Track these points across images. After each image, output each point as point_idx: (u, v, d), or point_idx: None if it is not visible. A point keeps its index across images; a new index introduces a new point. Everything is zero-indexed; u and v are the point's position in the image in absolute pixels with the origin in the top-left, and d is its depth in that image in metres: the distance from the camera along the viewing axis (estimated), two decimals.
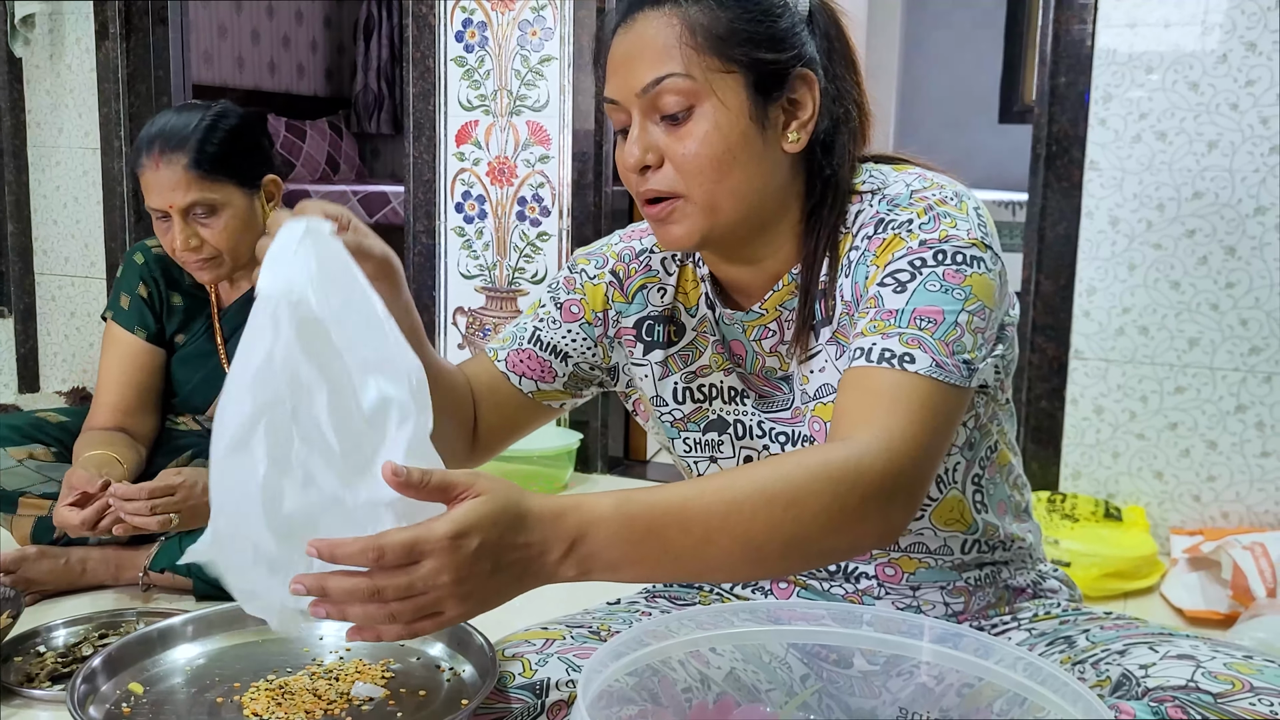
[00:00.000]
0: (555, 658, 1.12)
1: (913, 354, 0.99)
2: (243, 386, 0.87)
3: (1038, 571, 1.27)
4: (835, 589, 1.21)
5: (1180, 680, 0.97)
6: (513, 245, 3.10)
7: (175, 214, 1.96)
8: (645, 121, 1.07)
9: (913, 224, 1.06)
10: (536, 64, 3.02)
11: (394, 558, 0.80)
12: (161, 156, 1.94)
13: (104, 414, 2.11)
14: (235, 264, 2.06)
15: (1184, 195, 2.42)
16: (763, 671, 1.05)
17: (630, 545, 0.89)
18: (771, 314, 1.17)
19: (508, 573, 0.85)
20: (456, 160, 3.13)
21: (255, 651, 1.20)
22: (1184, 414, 2.47)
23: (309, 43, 5.96)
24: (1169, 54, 2.41)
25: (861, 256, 1.09)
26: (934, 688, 0.98)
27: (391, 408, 0.88)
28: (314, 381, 0.88)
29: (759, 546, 0.92)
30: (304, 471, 0.86)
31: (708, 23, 1.05)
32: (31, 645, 1.78)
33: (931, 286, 1.02)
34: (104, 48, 3.48)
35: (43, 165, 3.65)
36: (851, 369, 1.02)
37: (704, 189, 1.06)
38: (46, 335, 3.74)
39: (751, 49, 1.06)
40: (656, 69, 1.05)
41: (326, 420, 0.87)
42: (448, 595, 0.83)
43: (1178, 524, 2.50)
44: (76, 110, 3.57)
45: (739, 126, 1.05)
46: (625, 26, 1.09)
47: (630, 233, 1.29)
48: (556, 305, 1.27)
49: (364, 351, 0.89)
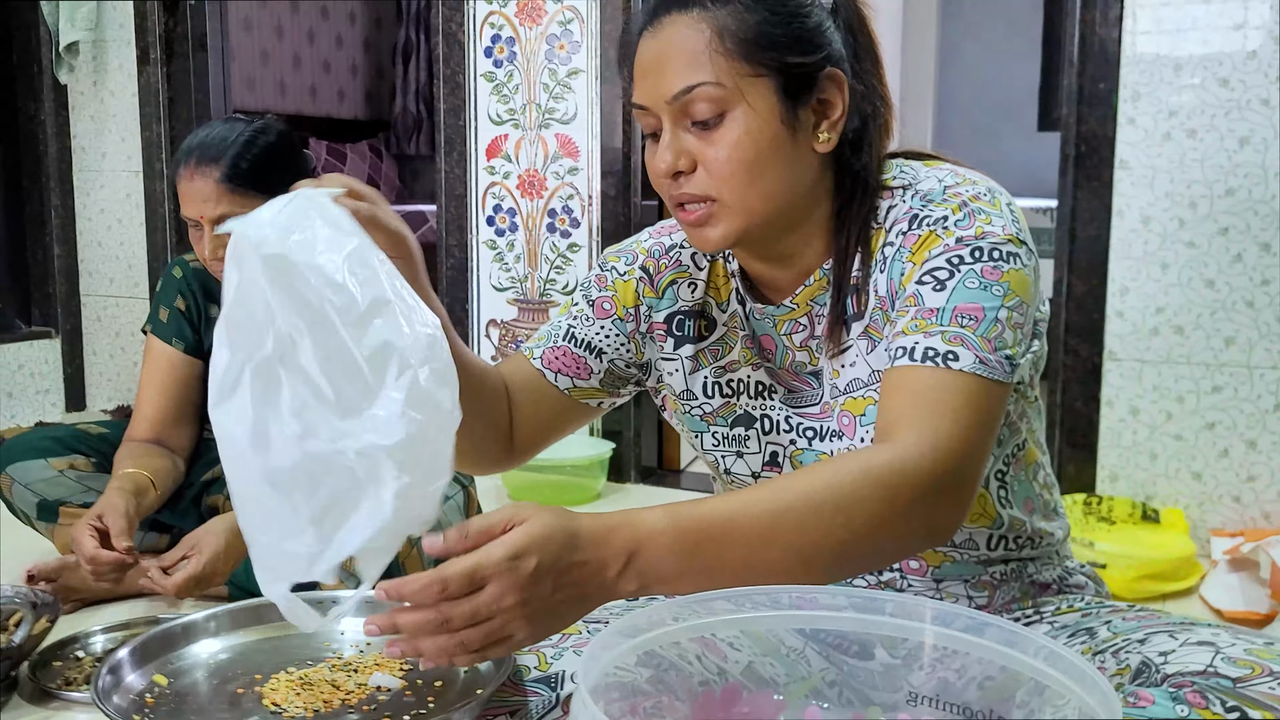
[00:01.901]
0: (571, 651, 1.13)
1: (956, 352, 1.00)
2: (220, 336, 0.87)
3: (1064, 567, 1.26)
4: (858, 582, 1.21)
5: (1199, 666, 0.96)
6: (544, 257, 3.13)
7: (206, 224, 2.00)
8: (676, 127, 1.07)
9: (948, 220, 1.06)
10: (564, 77, 3.05)
11: (457, 587, 0.82)
12: (196, 168, 1.98)
13: (143, 426, 2.15)
14: None
15: (1216, 192, 2.39)
16: (781, 665, 1.05)
17: (684, 558, 0.90)
18: (802, 309, 1.17)
19: (569, 591, 0.87)
20: (487, 174, 3.17)
21: (277, 645, 1.22)
22: (1222, 414, 2.44)
23: (349, 67, 6.05)
24: (1198, 51, 2.39)
25: (897, 253, 1.09)
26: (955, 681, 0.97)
27: (392, 355, 0.86)
28: (295, 327, 0.86)
29: (809, 555, 0.94)
30: (300, 421, 0.85)
31: (737, 27, 1.05)
32: (71, 650, 1.81)
33: (970, 284, 1.03)
34: (145, 73, 3.56)
35: (87, 189, 3.74)
36: (894, 369, 1.03)
37: (736, 193, 1.07)
38: (92, 355, 3.82)
39: (781, 53, 1.06)
40: (687, 77, 1.05)
41: (316, 367, 0.86)
42: (515, 617, 0.84)
43: (1218, 525, 2.46)
44: (119, 134, 3.65)
45: (770, 130, 1.06)
46: (652, 30, 1.08)
47: (659, 229, 1.30)
48: (589, 302, 1.28)
49: (364, 298, 0.87)
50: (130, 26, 3.56)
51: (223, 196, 1.98)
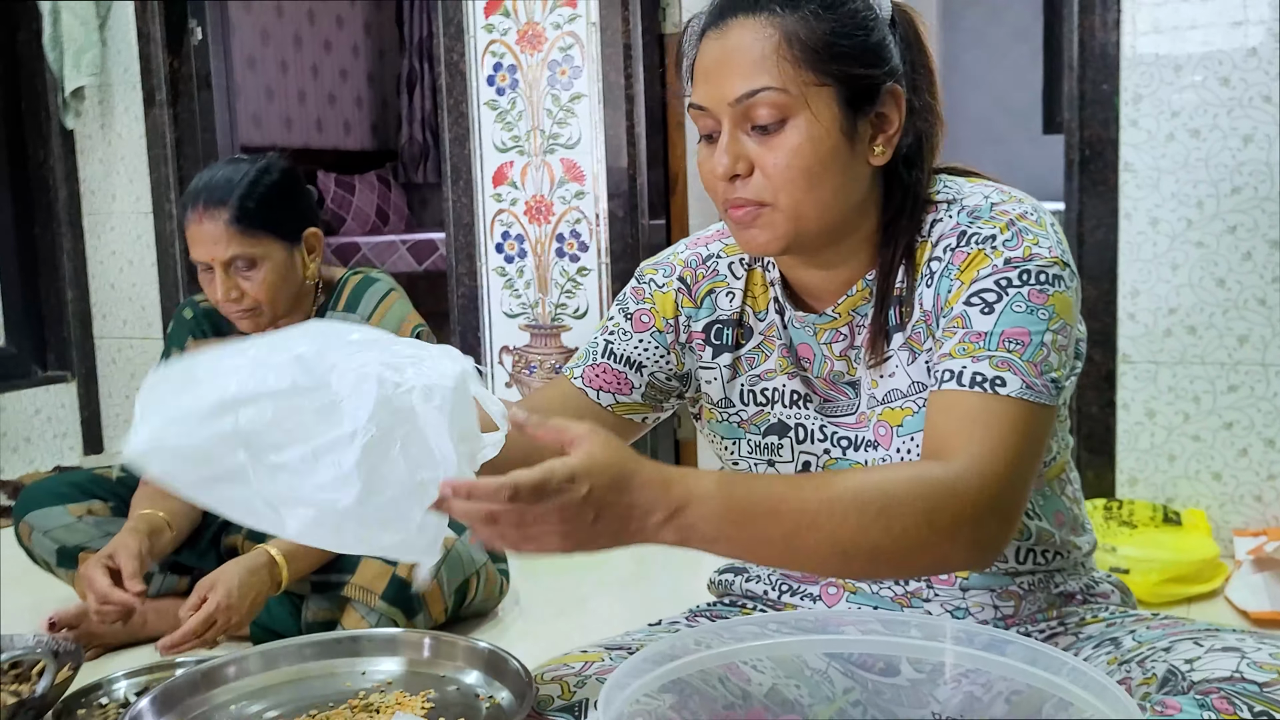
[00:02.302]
0: (594, 679, 1.12)
1: (1004, 377, 1.02)
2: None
3: (1090, 577, 1.25)
4: (884, 590, 1.20)
5: (1225, 672, 0.96)
6: (554, 282, 3.14)
7: (217, 266, 2.00)
8: (735, 130, 1.08)
9: (996, 240, 1.07)
10: (567, 102, 3.06)
11: (525, 497, 0.86)
12: (205, 211, 1.99)
13: None
14: (275, 314, 2.10)
15: (1223, 191, 2.38)
16: (805, 686, 1.05)
17: (727, 525, 0.94)
18: (844, 318, 1.18)
19: (607, 524, 0.91)
20: (494, 202, 3.18)
21: (297, 689, 1.22)
22: (1239, 413, 2.42)
23: (354, 99, 6.09)
24: (1198, 50, 2.38)
25: (945, 269, 1.10)
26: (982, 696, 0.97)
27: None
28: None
29: (845, 550, 0.96)
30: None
31: (805, 35, 1.05)
32: (94, 697, 1.81)
33: (1018, 308, 1.04)
34: (152, 115, 3.59)
35: (98, 231, 3.76)
36: (943, 392, 1.04)
37: (792, 199, 1.07)
38: (108, 397, 3.83)
39: (846, 64, 1.07)
40: (751, 81, 1.05)
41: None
42: (551, 532, 0.89)
43: (1240, 525, 2.44)
44: (128, 176, 3.67)
45: (830, 140, 1.06)
46: (718, 32, 1.09)
47: (696, 240, 1.30)
48: (626, 316, 1.28)
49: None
50: (135, 69, 3.59)
51: (233, 238, 1.98)
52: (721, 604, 1.34)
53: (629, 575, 2.65)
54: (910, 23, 1.15)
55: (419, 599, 1.97)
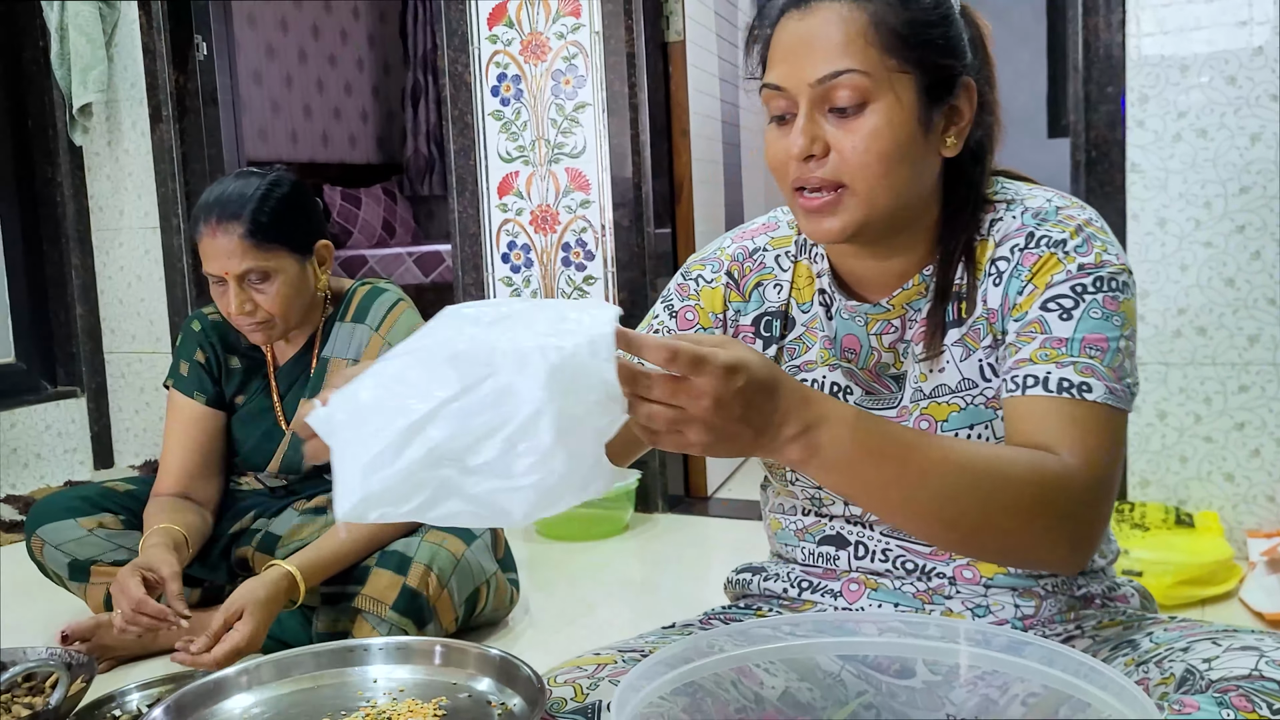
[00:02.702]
0: (606, 680, 1.12)
1: (1089, 383, 1.04)
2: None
3: (1111, 581, 1.25)
4: (906, 587, 1.20)
5: (1244, 670, 0.95)
6: (560, 291, 3.14)
7: (230, 280, 2.02)
8: (813, 111, 1.07)
9: (1067, 245, 1.09)
10: (571, 111, 3.06)
11: (683, 363, 0.85)
12: (219, 225, 2.00)
13: (169, 480, 2.17)
14: (287, 326, 2.11)
15: (1231, 191, 2.38)
16: (818, 689, 1.04)
17: (853, 452, 0.93)
18: (897, 310, 1.18)
19: (749, 424, 0.89)
20: (500, 212, 3.18)
21: (309, 698, 1.21)
22: (1250, 413, 2.41)
23: (359, 113, 6.11)
24: (1203, 50, 2.38)
25: (1014, 269, 1.11)
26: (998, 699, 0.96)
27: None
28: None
29: (951, 516, 0.97)
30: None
31: (891, 20, 1.06)
32: (107, 710, 1.80)
33: (1095, 314, 1.06)
34: (159, 130, 3.60)
35: (106, 247, 3.77)
36: (1027, 397, 1.06)
37: (867, 183, 1.07)
38: (118, 412, 3.84)
39: (928, 53, 1.07)
40: (835, 62, 1.05)
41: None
42: (699, 418, 0.86)
43: (1253, 526, 2.43)
44: (136, 192, 3.69)
45: (908, 128, 1.07)
46: (801, 13, 1.08)
47: (742, 233, 1.30)
48: (671, 314, 1.29)
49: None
50: (141, 86, 3.60)
51: (247, 252, 2.00)
52: (737, 606, 1.34)
53: (639, 583, 2.64)
54: (975, 22, 1.17)
55: (430, 609, 1.97)
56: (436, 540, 2.02)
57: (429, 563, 1.98)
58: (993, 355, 1.14)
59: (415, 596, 1.95)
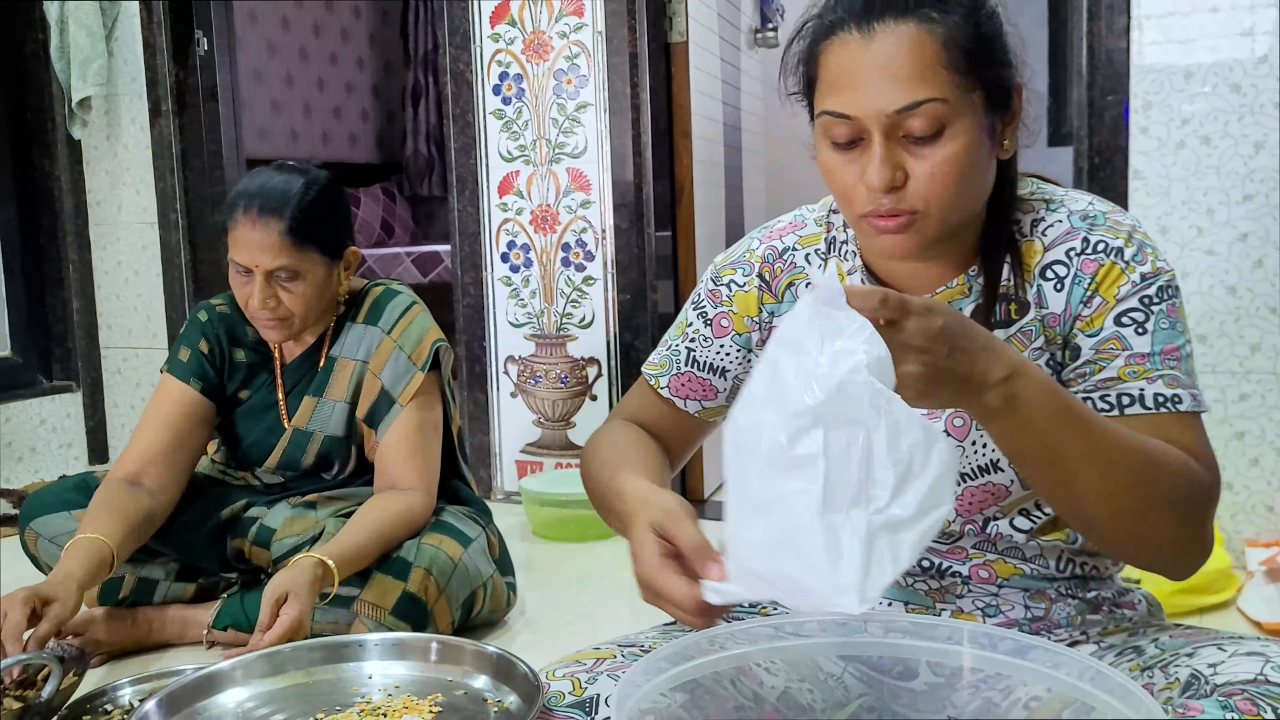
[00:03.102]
0: (605, 675, 1.11)
1: (1179, 394, 1.07)
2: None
3: (1120, 587, 1.25)
4: (919, 584, 1.19)
5: (1249, 674, 0.95)
6: (559, 291, 3.13)
7: (259, 273, 1.99)
8: (888, 140, 1.04)
9: (1124, 254, 1.10)
10: (573, 111, 3.06)
11: (891, 306, 0.86)
12: (259, 218, 1.98)
13: (129, 460, 2.06)
14: (304, 326, 2.09)
15: (1233, 199, 2.38)
16: (818, 690, 1.04)
17: (1047, 407, 0.94)
18: None
19: (957, 365, 0.90)
20: (500, 211, 3.18)
21: (304, 692, 1.20)
22: (1250, 422, 2.41)
23: (359, 112, 6.10)
24: (1207, 59, 2.38)
25: (1074, 276, 1.11)
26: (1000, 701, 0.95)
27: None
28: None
29: (1110, 491, 0.98)
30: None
31: (960, 39, 1.03)
32: (100, 704, 1.79)
33: (1164, 325, 1.08)
34: (158, 125, 3.59)
35: (104, 242, 3.76)
36: (1126, 416, 1.07)
37: (943, 206, 1.06)
38: (114, 407, 3.83)
39: (994, 67, 1.06)
40: (913, 91, 1.02)
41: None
42: (913, 355, 0.88)
43: (1252, 536, 2.43)
44: (134, 187, 3.67)
45: (979, 144, 1.06)
46: (863, 35, 1.04)
47: (769, 233, 1.28)
48: (705, 322, 1.28)
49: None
50: (142, 80, 3.59)
51: (284, 249, 1.98)
52: (740, 605, 1.33)
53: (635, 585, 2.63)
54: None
55: (427, 613, 1.96)
56: (435, 543, 2.01)
57: (429, 566, 1.97)
58: (1043, 357, 1.13)
59: (414, 601, 1.94)
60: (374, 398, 2.11)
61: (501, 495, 3.27)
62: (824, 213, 1.26)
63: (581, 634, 2.21)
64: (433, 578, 1.96)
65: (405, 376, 2.09)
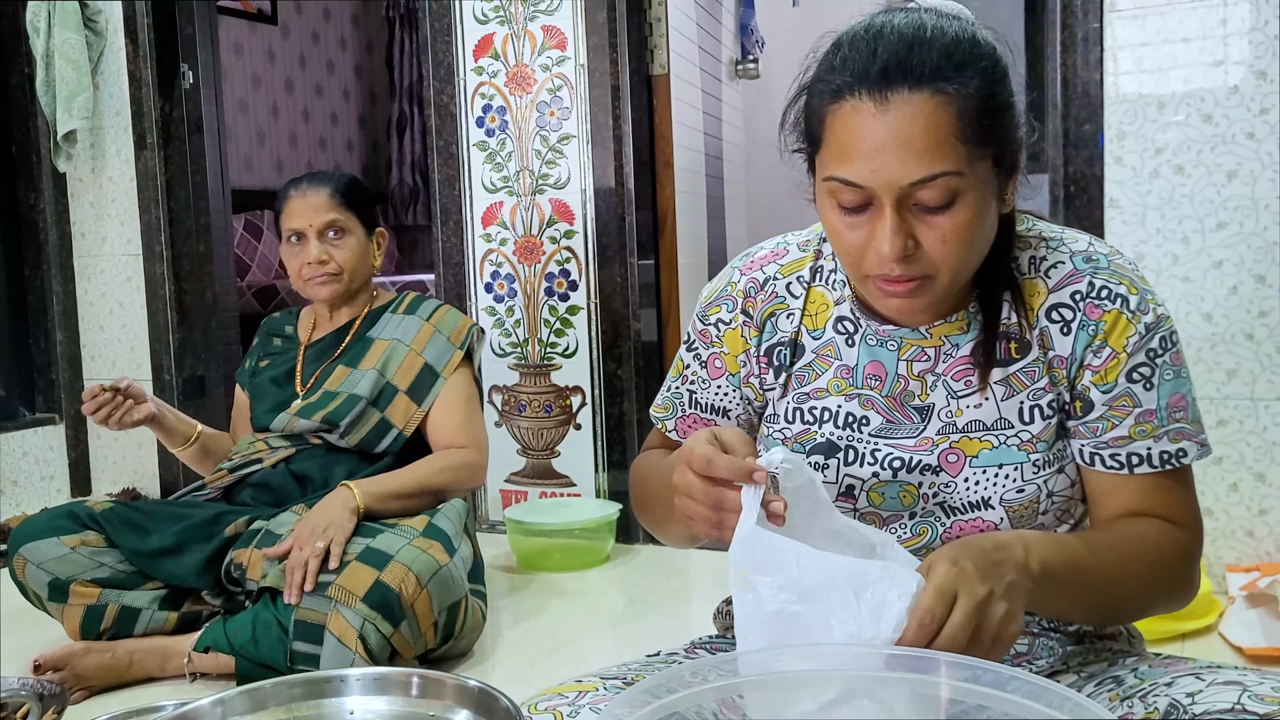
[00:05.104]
0: (587, 708, 1.11)
1: (1184, 448, 1.12)
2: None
3: None
4: None
5: (1227, 704, 0.95)
6: (543, 321, 3.14)
7: (312, 233, 2.35)
8: (900, 209, 1.03)
9: (1130, 303, 1.11)
10: (556, 143, 3.08)
11: (940, 606, 0.90)
12: (309, 187, 2.38)
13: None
14: (350, 286, 2.42)
15: (1208, 227, 2.40)
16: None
17: (1056, 560, 1.01)
18: (934, 340, 1.17)
19: (1005, 574, 0.94)
20: (484, 241, 3.19)
21: None
22: (1229, 448, 2.43)
23: (345, 143, 6.13)
24: (1180, 89, 2.41)
25: (1081, 321, 1.11)
26: None
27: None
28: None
29: (1114, 601, 1.11)
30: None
31: (974, 111, 1.02)
32: None
33: (1168, 376, 1.12)
34: (143, 157, 3.60)
35: (88, 274, 3.76)
36: (1136, 476, 1.13)
37: (954, 269, 1.06)
38: (96, 439, 3.81)
39: (1005, 132, 1.06)
40: (928, 165, 1.01)
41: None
42: (993, 601, 0.92)
43: (1233, 561, 2.44)
44: (119, 219, 3.68)
45: (988, 206, 1.06)
46: (877, 104, 1.02)
47: (750, 263, 1.28)
48: (701, 363, 1.28)
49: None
50: (126, 113, 3.60)
51: (332, 207, 2.36)
52: (725, 637, 1.33)
53: (620, 614, 2.63)
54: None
55: (405, 609, 1.96)
56: (422, 546, 2.05)
57: (409, 564, 1.99)
58: (1045, 398, 1.14)
59: (388, 592, 1.95)
60: (417, 371, 2.38)
61: (486, 525, 3.27)
62: (813, 239, 1.26)
63: (564, 663, 2.20)
64: (413, 574, 1.98)
65: (446, 354, 2.41)
